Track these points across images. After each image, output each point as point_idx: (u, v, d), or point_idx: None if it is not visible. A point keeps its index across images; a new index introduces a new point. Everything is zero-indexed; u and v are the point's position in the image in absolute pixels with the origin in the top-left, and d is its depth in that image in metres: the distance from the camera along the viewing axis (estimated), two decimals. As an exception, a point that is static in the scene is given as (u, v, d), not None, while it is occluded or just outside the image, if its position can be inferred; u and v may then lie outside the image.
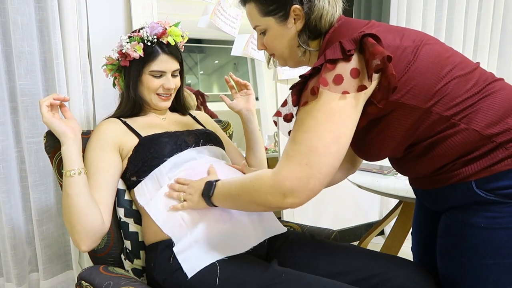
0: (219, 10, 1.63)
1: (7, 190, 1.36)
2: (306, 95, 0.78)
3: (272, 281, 0.83)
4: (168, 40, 1.12)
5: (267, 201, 0.78)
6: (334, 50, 0.76)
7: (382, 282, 0.88)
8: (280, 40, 0.89)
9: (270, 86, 2.34)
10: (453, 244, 0.84)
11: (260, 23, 0.90)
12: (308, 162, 0.74)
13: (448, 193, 0.83)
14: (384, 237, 2.39)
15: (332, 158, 0.74)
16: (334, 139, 0.74)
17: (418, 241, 1.07)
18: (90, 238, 0.95)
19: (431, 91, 0.77)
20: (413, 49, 0.78)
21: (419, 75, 0.76)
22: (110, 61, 1.17)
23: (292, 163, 0.75)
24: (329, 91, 0.74)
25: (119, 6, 1.52)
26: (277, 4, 0.85)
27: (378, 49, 0.72)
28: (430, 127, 0.79)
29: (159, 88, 1.14)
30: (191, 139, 1.11)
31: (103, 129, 1.08)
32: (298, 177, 0.74)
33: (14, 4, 1.28)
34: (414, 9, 2.16)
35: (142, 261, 1.08)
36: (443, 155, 0.79)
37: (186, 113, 1.30)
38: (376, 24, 0.83)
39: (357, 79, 0.74)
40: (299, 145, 0.75)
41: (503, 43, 2.45)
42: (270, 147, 2.58)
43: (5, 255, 1.41)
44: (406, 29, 0.83)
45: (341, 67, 0.75)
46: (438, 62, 0.78)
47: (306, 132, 0.75)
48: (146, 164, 1.03)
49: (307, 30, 0.86)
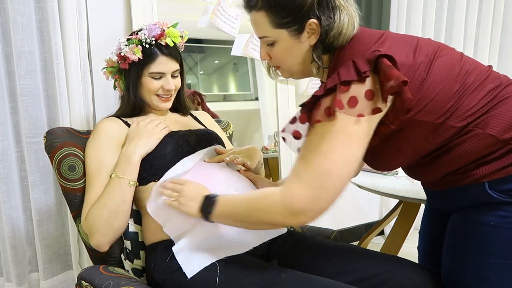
0: (219, 10, 1.63)
1: (7, 190, 1.36)
2: (319, 114, 0.76)
3: (272, 281, 0.83)
4: (167, 42, 1.11)
5: (276, 220, 0.78)
6: (348, 71, 0.74)
7: (382, 282, 0.88)
8: (291, 53, 0.85)
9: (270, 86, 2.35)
10: (459, 241, 0.84)
11: (269, 34, 0.84)
12: (320, 184, 0.74)
13: (459, 194, 0.83)
14: (384, 237, 2.39)
15: (343, 180, 0.75)
16: (346, 162, 0.75)
17: (425, 240, 1.06)
18: (113, 241, 1.01)
19: (444, 108, 0.76)
20: (426, 64, 0.76)
21: (433, 92, 0.76)
22: (110, 64, 1.17)
23: (302, 184, 0.75)
24: (345, 114, 0.74)
25: (119, 6, 1.52)
26: (293, 17, 0.80)
27: (394, 73, 0.71)
28: (444, 137, 0.78)
29: (159, 89, 1.13)
30: (192, 139, 1.11)
31: (105, 126, 1.08)
32: (309, 198, 0.74)
33: (14, 4, 1.28)
34: (414, 10, 2.17)
35: (142, 261, 1.08)
36: (457, 160, 0.79)
37: (187, 113, 1.30)
38: (389, 36, 0.81)
39: (371, 101, 0.74)
40: (311, 166, 0.75)
41: (503, 43, 2.45)
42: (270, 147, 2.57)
43: (5, 255, 1.40)
44: (419, 40, 0.81)
45: (355, 89, 0.74)
46: (450, 76, 0.77)
47: (318, 154, 0.75)
48: (147, 163, 1.03)
49: (322, 46, 0.82)
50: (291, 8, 0.79)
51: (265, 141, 2.41)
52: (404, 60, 0.75)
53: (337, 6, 0.79)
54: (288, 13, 0.80)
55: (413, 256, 1.11)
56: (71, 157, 1.06)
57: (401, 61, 0.74)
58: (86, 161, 1.05)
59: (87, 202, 1.00)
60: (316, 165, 0.75)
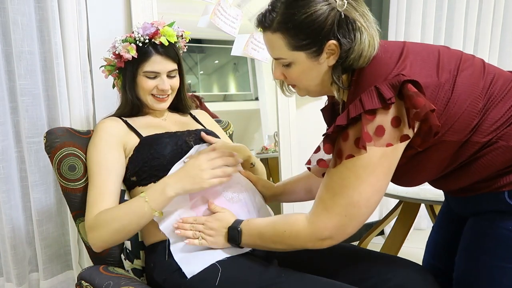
0: (219, 10, 1.63)
1: (7, 190, 1.36)
2: (349, 148, 0.75)
3: (272, 281, 0.83)
4: (161, 41, 1.10)
5: (305, 246, 0.83)
6: (372, 98, 0.72)
7: (382, 282, 0.88)
8: (309, 74, 0.82)
9: (270, 86, 2.34)
10: (475, 242, 0.84)
11: (286, 56, 0.80)
12: (347, 214, 0.76)
13: (478, 201, 0.83)
14: (384, 237, 2.39)
15: (371, 208, 0.77)
16: (375, 192, 0.76)
17: (436, 239, 1.05)
18: (108, 247, 0.99)
19: (470, 126, 0.75)
20: (451, 82, 0.74)
21: (458, 112, 0.74)
22: (108, 62, 1.17)
23: (330, 213, 0.77)
24: (374, 146, 0.73)
25: (119, 6, 1.52)
26: (311, 40, 0.76)
27: (420, 102, 0.69)
28: (468, 153, 0.77)
29: (153, 89, 1.12)
30: (191, 140, 1.11)
31: (107, 126, 1.08)
32: (337, 226, 0.77)
33: (14, 4, 1.28)
34: (414, 9, 2.17)
35: (142, 261, 1.08)
36: (478, 172, 0.78)
37: (187, 113, 1.30)
38: (410, 52, 0.77)
39: (398, 128, 0.73)
40: (338, 197, 0.76)
41: (503, 43, 2.45)
42: (270, 147, 2.57)
43: (5, 255, 1.41)
44: (439, 52, 0.79)
45: (381, 117, 0.72)
46: (474, 92, 0.75)
47: (346, 187, 0.75)
48: (146, 164, 1.03)
49: (341, 67, 0.78)
50: (310, 30, 0.75)
51: (265, 141, 2.41)
52: (429, 82, 0.73)
53: (358, 27, 0.75)
54: (306, 35, 0.76)
55: (413, 256, 1.10)
56: (71, 157, 1.06)
57: (425, 82, 0.72)
58: (88, 161, 1.04)
59: (90, 202, 0.98)
60: (344, 198, 0.76)
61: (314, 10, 0.74)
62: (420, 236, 2.39)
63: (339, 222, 0.77)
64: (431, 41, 2.25)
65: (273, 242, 0.86)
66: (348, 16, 0.74)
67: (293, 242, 0.83)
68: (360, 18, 0.75)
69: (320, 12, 0.74)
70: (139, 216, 0.92)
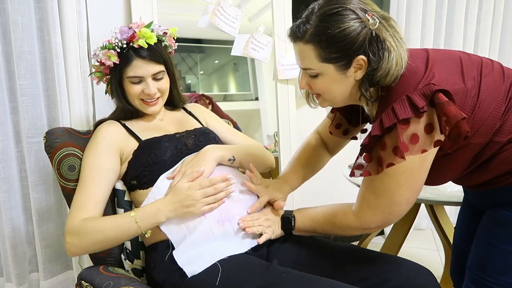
0: (219, 10, 1.63)
1: (7, 190, 1.36)
2: (388, 156, 0.80)
3: (272, 281, 0.83)
4: (140, 44, 1.05)
5: (353, 234, 0.95)
6: (404, 107, 0.76)
7: (382, 282, 0.88)
8: (336, 86, 0.85)
9: (270, 86, 2.34)
10: (492, 231, 0.87)
11: (315, 67, 0.84)
12: (390, 212, 0.85)
13: (495, 194, 0.87)
14: (384, 237, 2.38)
15: (410, 205, 0.85)
16: (413, 192, 0.83)
17: (461, 237, 1.09)
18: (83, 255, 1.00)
19: (494, 128, 0.80)
20: (476, 89, 0.79)
21: (484, 116, 0.79)
22: (96, 69, 1.15)
23: (375, 211, 0.87)
24: (411, 154, 0.78)
25: (119, 6, 1.52)
26: (341, 53, 0.79)
27: (452, 111, 0.74)
28: (490, 152, 0.82)
29: (140, 93, 1.09)
30: (190, 141, 1.10)
31: (104, 131, 1.07)
32: (382, 221, 0.88)
33: (14, 4, 1.28)
34: (414, 9, 2.16)
35: (142, 261, 1.08)
36: (497, 168, 0.83)
37: (180, 107, 1.26)
38: (434, 60, 0.80)
39: (431, 135, 0.77)
40: (381, 199, 0.85)
41: (503, 43, 2.44)
42: (270, 147, 2.57)
43: (5, 255, 1.41)
44: (461, 59, 0.82)
45: (414, 125, 0.77)
46: (497, 96, 0.80)
47: (388, 190, 0.83)
48: (146, 169, 1.03)
49: (368, 81, 0.82)
50: (342, 44, 0.78)
51: (265, 141, 2.41)
52: (456, 88, 0.77)
53: (387, 47, 0.78)
54: (337, 49, 0.79)
55: (413, 256, 1.11)
56: (71, 157, 1.06)
57: (453, 89, 0.76)
58: (82, 164, 1.03)
59: (75, 205, 0.97)
60: (386, 199, 0.84)
61: (347, 26, 0.77)
62: (420, 236, 2.39)
63: (384, 218, 0.86)
64: (431, 41, 2.24)
65: (324, 230, 0.98)
66: (379, 35, 0.78)
67: (341, 230, 0.94)
68: (389, 38, 0.78)
69: (353, 28, 0.77)
70: (126, 234, 0.94)
